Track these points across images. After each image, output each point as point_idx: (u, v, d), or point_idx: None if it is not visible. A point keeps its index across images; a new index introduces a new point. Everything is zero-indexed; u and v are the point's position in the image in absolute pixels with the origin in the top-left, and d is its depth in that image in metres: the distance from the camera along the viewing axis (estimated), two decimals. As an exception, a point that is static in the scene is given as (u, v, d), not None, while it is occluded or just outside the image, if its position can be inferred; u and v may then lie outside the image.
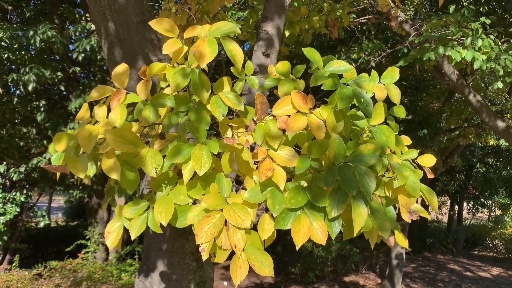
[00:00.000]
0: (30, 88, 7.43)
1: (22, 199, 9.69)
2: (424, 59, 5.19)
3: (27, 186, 10.98)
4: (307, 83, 1.88)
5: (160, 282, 2.46)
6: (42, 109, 8.72)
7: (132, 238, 1.61)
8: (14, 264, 9.24)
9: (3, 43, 7.74)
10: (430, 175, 2.13)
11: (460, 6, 7.89)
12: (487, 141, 11.58)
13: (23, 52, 8.04)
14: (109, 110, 1.73)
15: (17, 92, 9.04)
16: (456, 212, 19.81)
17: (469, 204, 21.82)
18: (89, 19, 8.55)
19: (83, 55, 7.82)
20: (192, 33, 1.71)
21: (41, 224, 10.87)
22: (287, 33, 4.39)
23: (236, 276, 1.46)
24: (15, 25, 8.04)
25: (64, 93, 10.37)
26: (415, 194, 1.79)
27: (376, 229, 1.64)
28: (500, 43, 5.46)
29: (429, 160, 2.10)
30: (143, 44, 2.57)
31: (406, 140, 2.11)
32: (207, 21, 3.94)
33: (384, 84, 1.99)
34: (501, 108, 10.23)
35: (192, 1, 3.53)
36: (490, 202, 22.62)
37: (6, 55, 7.98)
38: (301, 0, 4.57)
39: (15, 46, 7.87)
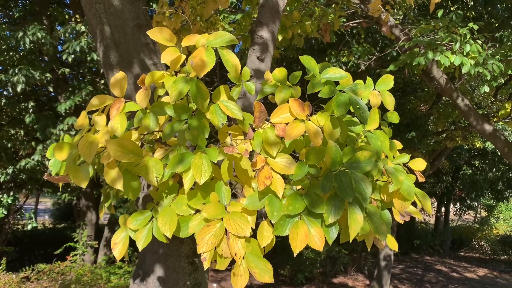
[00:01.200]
0: (19, 89, 7.36)
1: (9, 201, 9.57)
2: (414, 63, 5.27)
3: (14, 188, 10.85)
4: (302, 89, 1.91)
5: (156, 285, 2.47)
6: (31, 110, 8.64)
7: (140, 249, 1.63)
8: (1, 267, 9.12)
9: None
10: (421, 179, 2.18)
11: (448, 11, 8.00)
12: (473, 143, 11.77)
13: (11, 53, 7.96)
14: (108, 119, 1.74)
15: (5, 93, 8.93)
16: (443, 213, 20.04)
17: (456, 206, 22.09)
18: (79, 20, 8.49)
19: (73, 56, 7.76)
20: (190, 42, 1.72)
21: (29, 227, 10.75)
22: (280, 38, 4.43)
23: (237, 284, 1.49)
24: (3, 26, 7.96)
25: (52, 94, 10.28)
26: (410, 197, 1.83)
27: (373, 232, 1.68)
28: (486, 48, 5.57)
29: (420, 164, 2.15)
30: (139, 48, 2.58)
31: (398, 144, 2.16)
32: (200, 24, 3.96)
33: (378, 91, 2.03)
34: (487, 111, 10.40)
35: (186, 5, 3.54)
36: (476, 203, 22.92)
37: (-6, 56, 7.90)
38: (293, 4, 4.61)
39: (3, 46, 7.79)
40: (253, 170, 1.67)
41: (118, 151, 1.56)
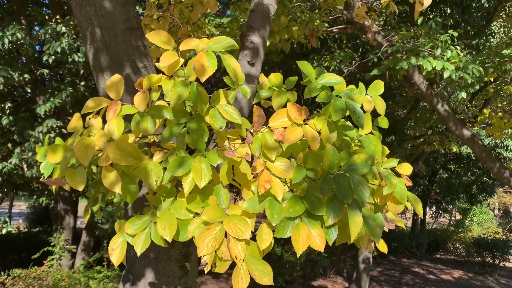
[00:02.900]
0: (-3, 90, 7.19)
1: (-16, 205, 9.32)
2: (397, 68, 5.38)
3: (-13, 191, 10.56)
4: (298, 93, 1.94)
5: (146, 290, 2.45)
6: (8, 111, 8.43)
7: (138, 254, 1.61)
8: (-26, 272, 8.87)
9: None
10: (409, 183, 2.22)
11: (427, 18, 8.20)
12: (450, 148, 12.02)
13: (-12, 54, 7.78)
14: (104, 121, 1.72)
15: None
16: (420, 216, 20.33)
17: (432, 209, 22.50)
18: (59, 21, 8.35)
19: (53, 57, 7.61)
20: (189, 46, 1.72)
21: (3, 231, 10.45)
22: (268, 43, 4.45)
23: (238, 287, 1.49)
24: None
25: (29, 95, 10.05)
26: (402, 201, 1.87)
27: (369, 235, 1.71)
28: (463, 55, 5.73)
29: (406, 168, 2.20)
30: (130, 51, 2.56)
31: (385, 150, 2.20)
32: (187, 27, 3.95)
33: (370, 96, 2.08)
34: (463, 117, 10.65)
35: (174, 9, 3.53)
36: (451, 206, 23.39)
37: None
38: (281, 10, 4.64)
39: (-20, 47, 7.60)
40: (252, 173, 1.68)
41: (117, 154, 1.55)
